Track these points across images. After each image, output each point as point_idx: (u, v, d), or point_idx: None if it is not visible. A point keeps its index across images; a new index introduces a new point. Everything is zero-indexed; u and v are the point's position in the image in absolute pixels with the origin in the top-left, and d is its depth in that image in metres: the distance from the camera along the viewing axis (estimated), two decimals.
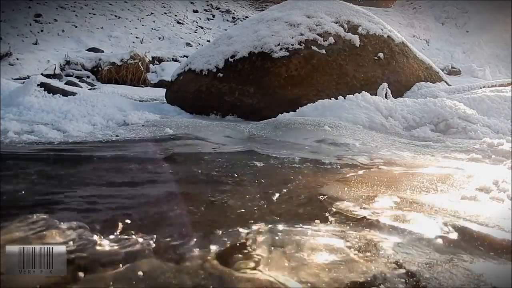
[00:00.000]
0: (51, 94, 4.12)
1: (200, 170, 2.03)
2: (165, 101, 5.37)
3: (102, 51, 9.83)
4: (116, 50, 10.09)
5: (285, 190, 1.69)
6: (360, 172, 2.07)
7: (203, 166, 2.11)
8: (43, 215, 1.26)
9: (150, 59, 9.64)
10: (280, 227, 1.28)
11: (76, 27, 11.02)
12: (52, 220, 1.23)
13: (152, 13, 13.05)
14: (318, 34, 4.69)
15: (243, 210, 1.44)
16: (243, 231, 1.24)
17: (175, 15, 13.43)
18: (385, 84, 4.36)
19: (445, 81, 5.44)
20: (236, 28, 6.13)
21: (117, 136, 2.97)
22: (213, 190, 1.68)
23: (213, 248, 1.12)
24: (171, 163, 2.19)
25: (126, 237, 1.16)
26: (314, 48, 4.59)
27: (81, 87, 6.31)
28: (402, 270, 1.03)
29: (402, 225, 1.33)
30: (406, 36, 8.83)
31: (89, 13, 11.90)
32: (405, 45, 5.24)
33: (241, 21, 12.03)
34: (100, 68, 9.02)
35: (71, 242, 1.11)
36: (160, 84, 8.62)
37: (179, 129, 3.22)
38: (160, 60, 10.00)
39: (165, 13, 13.38)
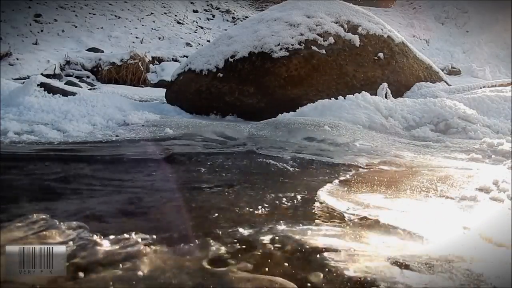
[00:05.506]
0: (51, 94, 4.12)
1: (200, 170, 2.03)
2: (165, 101, 5.37)
3: (102, 51, 9.82)
4: (116, 50, 10.08)
5: (285, 190, 1.69)
6: (360, 172, 2.07)
7: (203, 167, 2.11)
8: (43, 215, 1.26)
9: (150, 59, 9.63)
10: (280, 227, 1.28)
11: (76, 27, 11.01)
12: (52, 220, 1.23)
13: (152, 13, 13.04)
14: (318, 34, 4.69)
15: (242, 210, 1.44)
16: (242, 231, 1.24)
17: (175, 15, 13.42)
18: (385, 84, 4.36)
19: (445, 81, 5.43)
20: (236, 28, 6.12)
21: (117, 136, 2.97)
22: (213, 190, 1.68)
23: (213, 247, 1.12)
24: (171, 163, 2.19)
25: (125, 237, 1.16)
26: (314, 48, 4.59)
27: (81, 87, 6.31)
28: (402, 270, 1.03)
29: (402, 224, 1.33)
30: (406, 36, 8.83)
31: (89, 13, 11.88)
32: (405, 45, 5.24)
33: (241, 21, 12.01)
34: (100, 68, 9.01)
35: (71, 242, 1.11)
36: (160, 84, 8.60)
37: (179, 129, 3.22)
38: (160, 60, 9.98)
39: (165, 13, 13.37)
